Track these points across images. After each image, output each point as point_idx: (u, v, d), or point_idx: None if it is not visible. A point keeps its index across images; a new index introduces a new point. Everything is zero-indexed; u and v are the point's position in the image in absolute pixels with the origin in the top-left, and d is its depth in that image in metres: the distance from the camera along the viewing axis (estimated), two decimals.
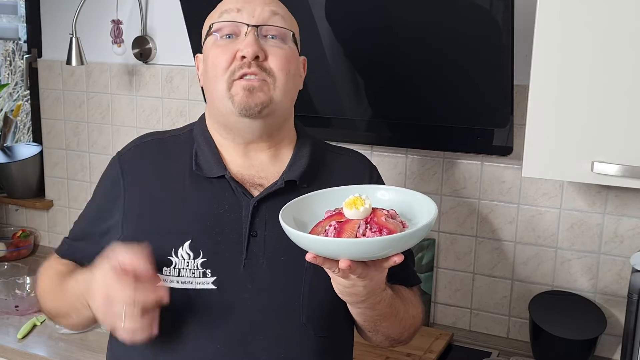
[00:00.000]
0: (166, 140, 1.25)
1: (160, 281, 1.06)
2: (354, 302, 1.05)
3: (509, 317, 1.89)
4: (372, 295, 1.03)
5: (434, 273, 1.95)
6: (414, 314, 1.23)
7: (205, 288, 1.11)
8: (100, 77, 2.36)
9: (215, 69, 1.15)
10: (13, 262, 2.29)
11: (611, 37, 1.27)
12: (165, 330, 1.09)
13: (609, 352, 1.77)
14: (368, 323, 1.14)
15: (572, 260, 1.79)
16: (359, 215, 0.94)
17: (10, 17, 2.92)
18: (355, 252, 0.91)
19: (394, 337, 1.21)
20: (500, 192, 1.84)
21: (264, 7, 1.16)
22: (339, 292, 1.02)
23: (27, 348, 1.78)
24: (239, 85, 1.13)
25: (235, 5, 1.15)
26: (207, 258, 1.12)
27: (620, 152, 1.30)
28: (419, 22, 1.59)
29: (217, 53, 1.15)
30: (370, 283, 0.99)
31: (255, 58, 1.12)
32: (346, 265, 0.91)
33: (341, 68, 1.76)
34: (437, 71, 1.65)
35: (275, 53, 1.14)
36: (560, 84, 1.32)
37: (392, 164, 1.94)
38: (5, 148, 2.64)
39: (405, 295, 1.22)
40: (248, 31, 1.13)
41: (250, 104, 1.12)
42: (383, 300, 1.08)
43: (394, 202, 1.03)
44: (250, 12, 1.15)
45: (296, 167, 1.19)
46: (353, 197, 0.96)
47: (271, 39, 1.15)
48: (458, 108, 1.70)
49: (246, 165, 1.19)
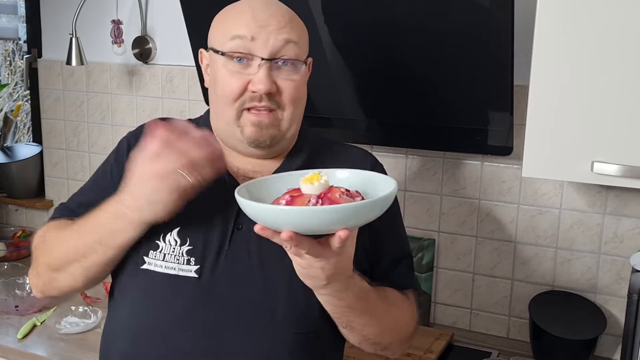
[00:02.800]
0: None
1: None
2: (315, 286, 1.01)
3: (509, 317, 1.89)
4: (335, 280, 0.99)
5: (434, 273, 1.94)
6: (399, 317, 1.19)
7: (187, 275, 1.12)
8: (100, 77, 2.36)
9: (225, 95, 1.14)
10: (13, 262, 2.29)
11: (611, 37, 1.27)
12: (145, 314, 1.11)
13: (609, 352, 1.77)
14: (339, 315, 1.09)
15: (572, 260, 1.79)
16: (314, 191, 0.93)
17: (10, 17, 2.92)
18: (298, 221, 0.88)
19: (372, 338, 1.15)
20: (500, 192, 1.84)
21: (278, 35, 1.12)
22: (299, 274, 1.00)
23: (27, 348, 1.77)
24: (248, 119, 1.13)
25: (249, 32, 1.12)
26: (193, 246, 1.13)
27: (620, 152, 1.30)
28: (419, 22, 1.59)
29: (228, 79, 1.13)
30: (327, 265, 0.95)
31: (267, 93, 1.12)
32: (287, 235, 0.88)
33: (341, 68, 1.76)
34: (437, 71, 1.65)
35: (287, 86, 1.14)
36: (560, 84, 1.32)
37: (392, 164, 1.94)
38: (5, 148, 2.64)
39: (390, 296, 1.18)
40: (261, 64, 1.11)
41: (259, 139, 1.14)
42: (350, 290, 1.04)
43: (355, 183, 1.01)
44: (264, 41, 1.11)
45: (291, 163, 1.20)
46: (312, 173, 0.95)
47: (283, 66, 1.14)
48: (458, 108, 1.70)
49: (244, 162, 1.21)
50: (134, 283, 1.16)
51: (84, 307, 1.93)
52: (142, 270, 1.15)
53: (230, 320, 1.12)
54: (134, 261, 1.16)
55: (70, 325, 1.87)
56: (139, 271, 1.15)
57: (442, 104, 1.71)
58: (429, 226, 1.93)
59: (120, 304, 1.20)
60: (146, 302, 1.14)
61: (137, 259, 1.15)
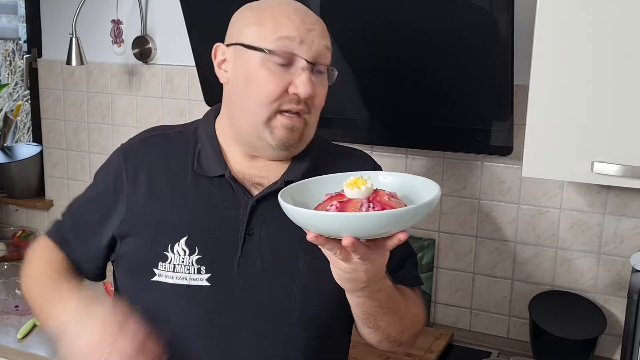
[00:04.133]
0: (171, 136, 1.25)
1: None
2: (354, 289, 1.01)
3: (509, 317, 1.89)
4: (372, 282, 1.00)
5: (434, 273, 1.94)
6: (416, 313, 1.21)
7: (199, 284, 1.12)
8: (100, 77, 2.36)
9: (261, 96, 1.11)
10: (13, 262, 2.29)
11: (611, 37, 1.27)
12: (157, 325, 1.10)
13: (609, 352, 1.77)
14: (367, 316, 1.10)
15: (572, 260, 1.79)
16: (361, 195, 0.92)
17: (10, 17, 2.92)
18: (360, 227, 0.88)
19: (394, 336, 1.17)
20: (500, 192, 1.84)
21: (321, 40, 1.13)
22: (339, 279, 0.99)
23: (27, 348, 1.78)
24: (281, 122, 1.12)
25: (298, 34, 1.11)
26: (203, 255, 1.13)
27: (620, 152, 1.30)
28: (419, 22, 1.59)
29: (269, 80, 1.11)
30: (371, 267, 0.96)
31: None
32: (350, 242, 0.88)
33: (341, 68, 1.75)
34: (437, 71, 1.65)
35: (320, 93, 1.15)
36: (560, 84, 1.32)
37: (392, 164, 1.93)
38: (5, 148, 2.64)
39: (407, 294, 1.20)
40: (305, 67, 1.11)
41: (289, 142, 1.14)
42: (383, 289, 1.05)
43: (396, 186, 1.01)
44: (309, 45, 1.11)
45: (298, 167, 1.19)
46: (354, 177, 0.94)
47: (318, 74, 1.14)
48: (458, 108, 1.70)
49: (248, 166, 1.20)
50: (143, 296, 1.15)
51: None
52: (152, 282, 1.13)
53: (245, 326, 1.13)
54: (140, 274, 1.15)
55: None
56: (149, 284, 1.14)
57: (443, 104, 1.71)
58: (429, 226, 1.93)
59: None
60: (158, 314, 1.12)
61: (145, 272, 1.14)
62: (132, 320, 1.03)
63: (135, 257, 1.17)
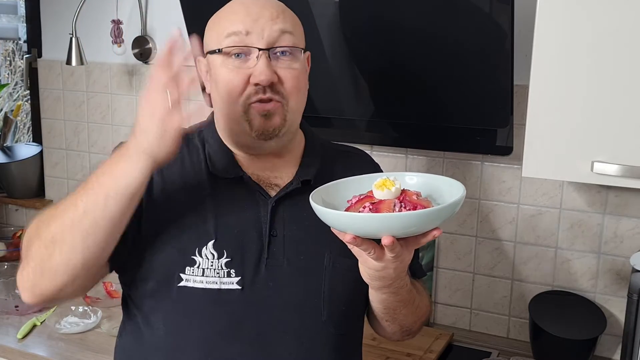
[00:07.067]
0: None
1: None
2: (382, 286, 1.05)
3: (509, 317, 1.89)
4: (399, 279, 1.04)
5: (434, 273, 1.94)
6: (426, 303, 1.26)
7: (230, 288, 1.11)
8: (100, 77, 2.36)
9: (228, 93, 1.13)
10: (13, 262, 2.29)
11: (611, 37, 1.27)
12: (189, 331, 1.10)
13: (609, 352, 1.77)
14: (388, 310, 1.14)
15: (572, 260, 1.79)
16: (391, 196, 0.96)
17: (10, 17, 2.92)
18: (400, 226, 0.92)
19: (407, 326, 1.21)
20: (500, 192, 1.84)
21: (272, 25, 1.12)
22: (369, 277, 1.03)
23: (27, 348, 1.78)
24: (255, 111, 1.12)
25: (243, 27, 1.12)
26: (232, 258, 1.12)
27: (620, 152, 1.30)
28: (419, 23, 1.59)
29: (228, 76, 1.12)
30: (400, 265, 0.99)
31: (269, 84, 1.11)
32: (390, 241, 0.92)
33: (341, 68, 1.76)
34: (437, 71, 1.65)
35: (288, 75, 1.13)
36: (560, 84, 1.32)
37: (392, 164, 1.93)
38: (5, 148, 2.64)
39: (417, 285, 1.23)
40: (259, 55, 1.11)
41: (268, 129, 1.13)
42: (406, 285, 1.09)
43: (420, 186, 1.05)
44: (259, 33, 1.11)
45: (310, 167, 1.21)
46: (382, 179, 0.98)
47: (282, 56, 1.13)
48: (458, 108, 1.70)
49: (259, 167, 1.20)
50: (170, 302, 1.13)
51: (84, 307, 1.93)
52: (179, 287, 1.11)
53: (278, 327, 1.13)
54: (165, 281, 1.13)
55: (70, 325, 1.87)
56: (175, 289, 1.12)
57: (443, 104, 1.71)
58: None
59: (154, 324, 1.15)
60: (188, 319, 1.11)
61: (170, 278, 1.12)
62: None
63: (158, 262, 1.13)
